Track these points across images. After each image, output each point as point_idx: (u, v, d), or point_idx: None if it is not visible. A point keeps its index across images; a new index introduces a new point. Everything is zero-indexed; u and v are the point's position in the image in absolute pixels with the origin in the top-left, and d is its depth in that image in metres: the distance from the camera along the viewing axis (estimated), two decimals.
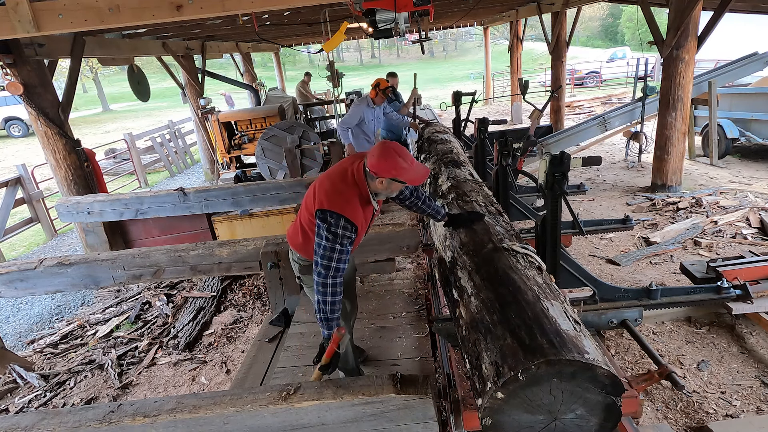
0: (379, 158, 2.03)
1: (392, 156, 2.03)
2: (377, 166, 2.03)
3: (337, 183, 2.13)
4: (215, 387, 3.61)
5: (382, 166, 2.02)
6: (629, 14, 32.97)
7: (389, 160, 2.02)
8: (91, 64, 26.44)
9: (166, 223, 5.38)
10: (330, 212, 2.04)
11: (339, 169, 2.20)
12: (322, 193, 2.12)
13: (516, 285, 1.82)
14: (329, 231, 2.03)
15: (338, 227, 2.03)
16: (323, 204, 2.07)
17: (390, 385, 1.85)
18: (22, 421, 1.91)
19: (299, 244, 2.34)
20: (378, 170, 2.03)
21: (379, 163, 2.03)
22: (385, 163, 2.02)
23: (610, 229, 4.48)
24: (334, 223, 2.03)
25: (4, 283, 3.66)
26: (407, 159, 2.06)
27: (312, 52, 8.87)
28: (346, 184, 2.12)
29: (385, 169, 2.03)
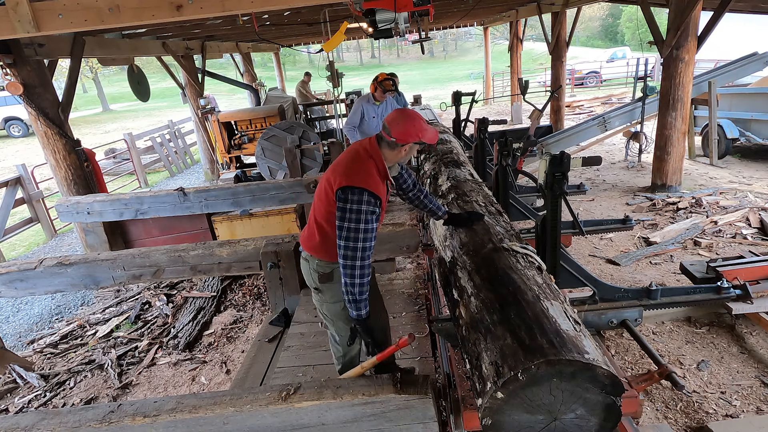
0: (405, 124, 2.03)
1: (416, 119, 2.06)
2: (404, 132, 2.02)
3: (351, 161, 2.09)
4: (215, 387, 3.61)
5: (410, 130, 2.03)
6: (629, 14, 32.97)
7: (415, 124, 2.04)
8: (91, 64, 26.44)
9: (166, 223, 5.38)
10: (352, 188, 1.98)
11: (348, 152, 2.17)
12: (338, 174, 2.05)
13: (516, 285, 1.82)
14: (352, 210, 1.96)
15: (362, 203, 1.96)
16: (343, 182, 2.01)
17: (390, 385, 1.85)
18: (22, 421, 1.91)
19: (317, 245, 2.21)
20: (406, 135, 2.03)
21: (406, 128, 2.03)
22: (413, 128, 2.03)
23: (610, 229, 4.48)
24: (357, 199, 1.96)
25: (4, 283, 3.66)
26: (424, 120, 2.10)
27: (312, 52, 8.87)
28: (362, 160, 2.08)
29: (412, 133, 2.03)
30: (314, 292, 2.33)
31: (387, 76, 5.40)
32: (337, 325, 2.40)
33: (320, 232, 2.17)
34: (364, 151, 2.10)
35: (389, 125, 2.06)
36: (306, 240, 2.28)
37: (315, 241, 2.20)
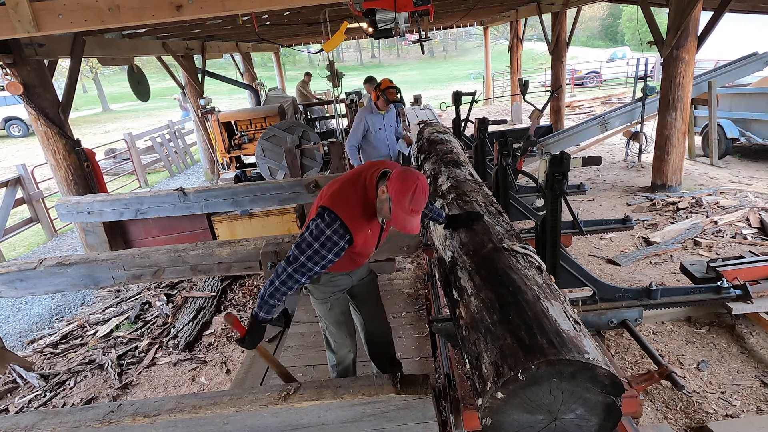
0: (401, 176, 1.89)
1: (409, 189, 1.86)
2: (393, 179, 1.90)
3: (346, 186, 2.06)
4: (215, 387, 3.61)
5: (395, 183, 1.88)
6: (629, 14, 32.97)
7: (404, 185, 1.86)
8: (91, 64, 26.44)
9: (166, 223, 5.38)
10: (329, 210, 1.96)
11: (354, 172, 2.13)
12: (329, 191, 2.06)
13: (516, 285, 1.82)
14: (317, 227, 1.94)
15: (328, 227, 1.93)
16: (325, 201, 2.02)
17: (390, 385, 1.85)
18: (22, 421, 1.91)
19: None
20: (391, 182, 1.91)
21: (395, 179, 1.90)
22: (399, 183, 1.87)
23: (610, 229, 4.48)
24: (327, 222, 1.94)
25: (4, 283, 3.66)
26: (415, 203, 1.89)
27: (312, 52, 8.87)
28: (355, 189, 2.02)
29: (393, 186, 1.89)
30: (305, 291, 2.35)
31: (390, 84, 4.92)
32: (329, 329, 2.41)
33: None
34: (362, 181, 2.03)
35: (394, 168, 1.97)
36: None
37: None
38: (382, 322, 2.59)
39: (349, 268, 2.33)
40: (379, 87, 4.86)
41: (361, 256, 2.27)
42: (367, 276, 2.52)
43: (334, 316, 2.40)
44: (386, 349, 2.61)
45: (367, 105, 5.09)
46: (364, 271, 2.49)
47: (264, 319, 2.03)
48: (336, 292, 2.36)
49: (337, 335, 2.44)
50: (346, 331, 2.45)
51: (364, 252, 2.21)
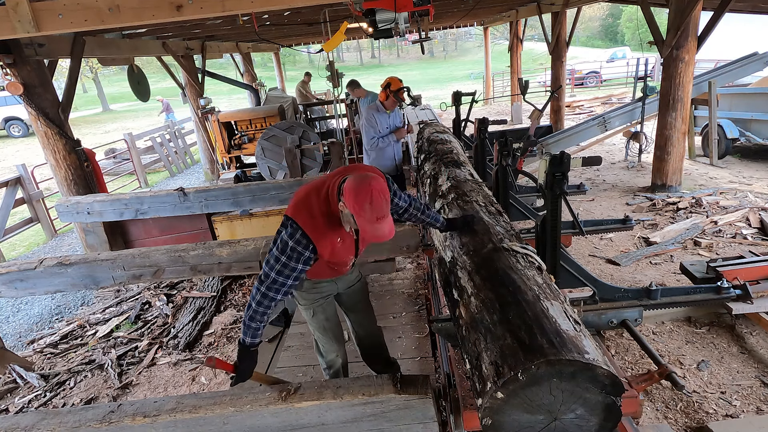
0: (353, 188, 1.78)
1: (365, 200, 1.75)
2: (346, 193, 1.80)
3: (311, 194, 2.00)
4: (215, 387, 3.61)
5: (349, 196, 1.78)
6: (629, 14, 32.97)
7: (359, 197, 1.75)
8: (91, 64, 26.45)
9: (166, 223, 5.38)
10: (291, 220, 1.93)
11: (320, 180, 2.06)
12: (295, 199, 2.01)
13: (516, 285, 1.82)
14: (281, 240, 1.92)
15: (290, 238, 1.90)
16: (290, 210, 1.99)
17: (390, 385, 1.85)
18: (22, 421, 1.91)
19: None
20: (345, 196, 1.81)
21: (348, 192, 1.79)
22: (353, 197, 1.76)
23: (610, 229, 4.48)
24: (289, 233, 1.91)
25: (4, 283, 3.65)
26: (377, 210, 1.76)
27: (312, 52, 8.87)
28: (318, 199, 1.96)
29: (348, 200, 1.79)
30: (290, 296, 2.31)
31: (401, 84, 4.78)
32: (316, 334, 2.42)
33: None
34: (325, 191, 1.95)
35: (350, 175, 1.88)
36: None
37: None
38: (371, 326, 2.57)
39: (329, 276, 2.28)
40: (390, 87, 4.74)
41: (338, 265, 2.19)
42: (356, 283, 2.48)
43: (318, 321, 2.38)
44: (379, 352, 2.61)
45: (373, 103, 4.99)
46: (353, 278, 2.45)
47: (252, 343, 1.99)
48: (319, 298, 2.32)
49: (324, 340, 2.44)
50: (332, 336, 2.43)
51: (338, 261, 2.13)
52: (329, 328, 2.41)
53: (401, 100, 4.81)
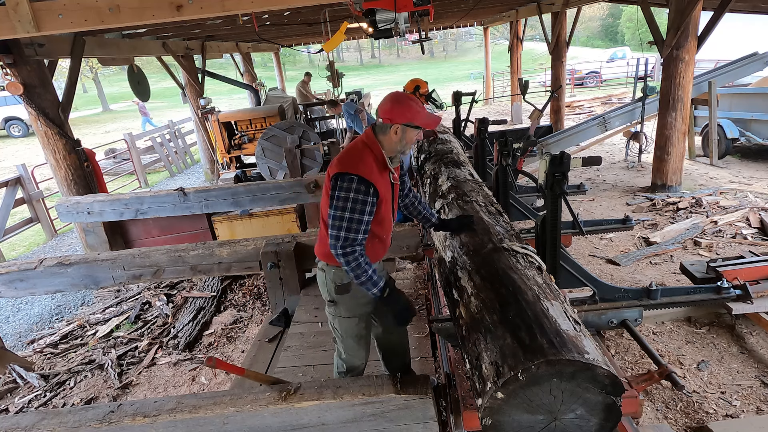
0: (393, 103, 1.95)
1: (405, 100, 1.96)
2: (391, 112, 1.95)
3: (346, 151, 2.03)
4: (215, 387, 3.61)
5: (396, 110, 1.94)
6: (629, 14, 32.97)
7: (403, 104, 1.95)
8: (91, 64, 26.44)
9: (166, 223, 5.38)
10: (342, 174, 1.90)
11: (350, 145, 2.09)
12: (332, 165, 1.98)
13: (516, 285, 1.82)
14: (340, 197, 1.88)
15: (351, 190, 1.87)
16: (335, 169, 1.93)
17: (390, 385, 1.85)
18: (22, 421, 1.91)
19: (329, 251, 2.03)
20: (392, 116, 1.94)
21: (393, 108, 1.95)
22: (400, 108, 1.94)
23: (610, 229, 4.48)
24: (346, 186, 1.88)
25: (4, 283, 3.66)
26: (419, 103, 1.99)
27: (312, 52, 8.87)
28: (357, 149, 2.00)
29: (399, 113, 1.94)
30: (328, 305, 2.20)
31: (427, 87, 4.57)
32: (346, 342, 2.27)
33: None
34: (360, 142, 2.04)
35: (379, 107, 2.01)
36: (319, 248, 2.15)
37: (327, 247, 2.03)
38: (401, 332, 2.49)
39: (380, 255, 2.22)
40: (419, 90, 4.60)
41: (386, 232, 2.16)
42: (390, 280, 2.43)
43: (359, 330, 2.24)
44: (402, 359, 2.52)
45: None
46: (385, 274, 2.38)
47: (383, 288, 1.97)
48: (367, 303, 2.19)
49: (356, 348, 2.29)
50: (364, 344, 2.32)
51: (387, 219, 2.12)
52: (365, 335, 2.30)
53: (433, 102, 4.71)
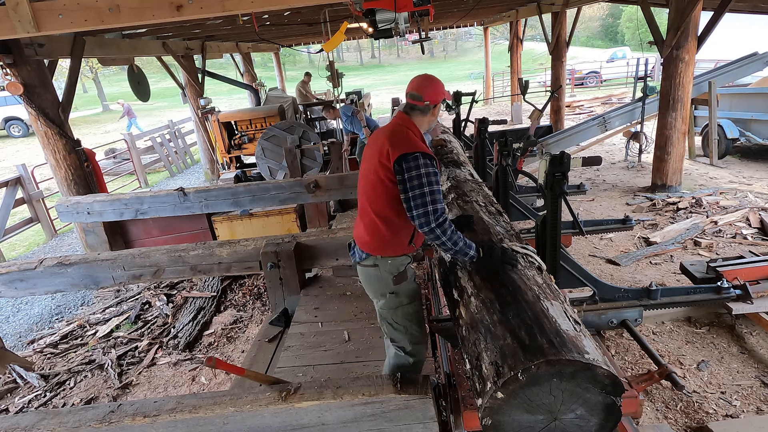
0: (434, 84, 2.08)
1: (436, 80, 2.11)
2: (434, 93, 2.07)
3: (393, 136, 2.02)
4: (215, 387, 3.61)
5: (439, 89, 2.09)
6: (629, 14, 32.97)
7: (438, 84, 2.10)
8: (91, 64, 26.44)
9: (166, 223, 5.38)
10: (405, 155, 1.92)
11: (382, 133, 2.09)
12: (386, 153, 1.97)
13: (516, 285, 1.82)
14: (412, 177, 1.90)
15: (420, 167, 1.91)
16: (395, 153, 1.93)
17: (390, 385, 1.85)
18: (22, 421, 1.91)
19: (387, 242, 2.05)
20: (433, 97, 2.07)
21: (435, 89, 2.08)
22: (438, 87, 2.09)
23: (610, 229, 4.48)
24: (414, 165, 1.91)
25: (4, 283, 3.66)
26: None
27: (312, 52, 8.87)
28: (402, 132, 2.04)
29: (439, 92, 2.09)
30: (384, 300, 2.13)
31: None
32: (411, 331, 2.17)
33: (387, 226, 2.04)
34: (398, 126, 2.08)
35: (418, 90, 2.08)
36: (371, 243, 2.09)
37: (384, 238, 2.05)
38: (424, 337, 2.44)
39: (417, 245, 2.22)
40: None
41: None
42: None
43: (421, 313, 2.20)
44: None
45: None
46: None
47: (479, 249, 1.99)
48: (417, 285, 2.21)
49: (420, 335, 2.21)
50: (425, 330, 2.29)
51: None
52: (423, 318, 2.26)
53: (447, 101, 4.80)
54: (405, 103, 2.15)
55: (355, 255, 2.20)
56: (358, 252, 2.16)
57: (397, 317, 2.15)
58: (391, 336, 2.21)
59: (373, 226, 2.06)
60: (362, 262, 2.15)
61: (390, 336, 2.22)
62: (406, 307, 2.13)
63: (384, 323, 2.20)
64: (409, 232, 2.08)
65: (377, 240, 2.06)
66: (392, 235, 2.05)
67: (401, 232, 2.06)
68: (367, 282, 2.19)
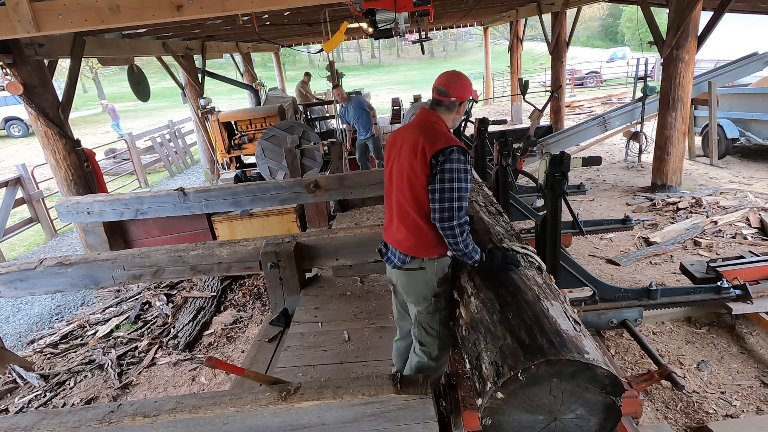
0: (462, 81, 2.04)
1: (464, 76, 2.07)
2: (461, 90, 2.03)
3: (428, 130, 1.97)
4: (215, 387, 3.61)
5: (467, 86, 2.05)
6: (629, 14, 32.97)
7: (466, 81, 2.06)
8: (91, 64, 26.44)
9: (166, 223, 5.38)
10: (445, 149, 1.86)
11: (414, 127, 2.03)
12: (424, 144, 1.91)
13: (516, 285, 1.82)
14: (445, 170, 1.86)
15: (453, 161, 1.86)
16: (435, 146, 1.88)
17: (390, 385, 1.84)
18: (22, 421, 1.91)
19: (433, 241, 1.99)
20: (463, 93, 2.03)
21: (465, 85, 2.04)
22: (466, 84, 2.05)
23: (610, 229, 4.49)
24: (451, 158, 1.86)
25: (4, 283, 3.66)
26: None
27: (312, 52, 8.87)
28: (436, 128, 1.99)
29: (468, 89, 2.06)
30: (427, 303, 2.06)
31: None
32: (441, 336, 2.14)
33: (432, 225, 1.96)
34: (427, 122, 2.03)
35: (446, 86, 2.02)
36: (417, 245, 2.01)
37: (429, 238, 1.98)
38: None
39: None
40: None
41: None
42: None
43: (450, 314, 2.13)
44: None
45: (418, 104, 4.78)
46: None
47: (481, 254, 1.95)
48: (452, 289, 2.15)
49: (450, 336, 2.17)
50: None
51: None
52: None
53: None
54: (431, 98, 2.11)
55: (392, 260, 2.11)
56: (399, 256, 2.06)
57: (433, 322, 2.10)
58: (421, 340, 2.15)
59: (417, 227, 1.99)
60: (405, 265, 2.05)
61: (420, 340, 2.15)
62: (443, 312, 2.09)
63: (418, 327, 2.14)
64: None
65: (423, 241, 2.00)
66: (437, 233, 1.97)
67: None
68: (411, 286, 2.08)
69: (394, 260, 2.09)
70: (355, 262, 3.68)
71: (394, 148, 2.08)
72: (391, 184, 2.09)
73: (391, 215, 2.10)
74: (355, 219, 5.69)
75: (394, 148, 2.08)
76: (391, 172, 2.09)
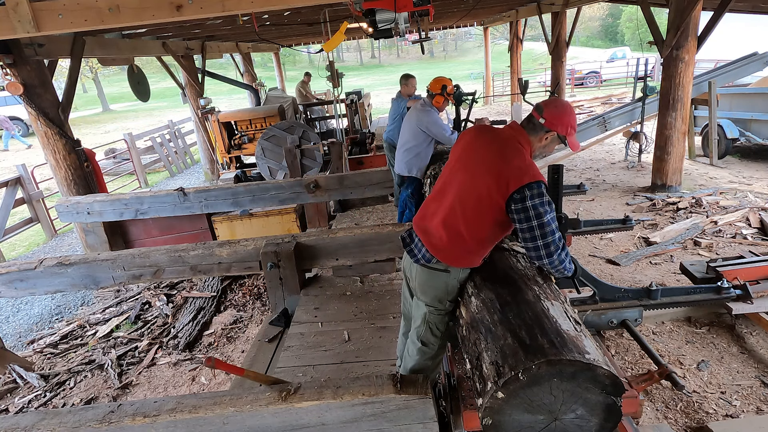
0: (562, 111, 1.90)
1: (572, 112, 1.93)
2: (557, 119, 1.88)
3: (513, 155, 1.87)
4: (215, 387, 3.61)
5: (564, 119, 1.89)
6: (629, 14, 32.98)
7: (571, 115, 1.91)
8: (91, 64, 26.42)
9: (166, 223, 5.38)
10: (529, 185, 1.77)
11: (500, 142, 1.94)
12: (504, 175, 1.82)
13: (516, 285, 1.82)
14: (530, 207, 1.77)
15: (536, 196, 1.78)
16: (520, 181, 1.78)
17: (390, 385, 1.85)
18: (22, 421, 1.91)
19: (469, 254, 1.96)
20: (557, 123, 1.88)
21: (561, 115, 1.89)
22: (567, 117, 1.90)
23: (610, 229, 4.47)
24: (535, 193, 1.78)
25: (4, 283, 3.66)
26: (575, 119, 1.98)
27: (312, 52, 8.87)
28: (520, 152, 1.89)
29: (565, 123, 1.89)
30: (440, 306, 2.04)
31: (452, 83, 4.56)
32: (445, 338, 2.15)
33: (477, 242, 1.93)
34: (514, 140, 1.92)
35: (545, 105, 1.92)
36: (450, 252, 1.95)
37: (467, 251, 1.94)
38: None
39: None
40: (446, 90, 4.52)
41: None
42: None
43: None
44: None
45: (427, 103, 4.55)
46: None
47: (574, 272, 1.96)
48: None
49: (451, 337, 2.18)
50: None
51: None
52: None
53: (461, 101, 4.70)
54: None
55: (415, 254, 2.03)
56: (426, 254, 1.98)
57: (441, 325, 2.08)
58: (424, 340, 2.12)
59: (459, 239, 1.92)
60: (430, 264, 1.99)
61: (423, 339, 2.13)
62: (451, 315, 2.08)
63: (425, 327, 2.10)
64: (490, 249, 2.01)
65: (459, 251, 1.95)
66: (478, 249, 1.95)
67: (484, 250, 1.98)
68: (429, 285, 2.02)
69: (417, 255, 2.02)
70: (355, 262, 3.68)
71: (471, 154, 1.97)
72: (451, 185, 1.99)
73: (436, 212, 2.01)
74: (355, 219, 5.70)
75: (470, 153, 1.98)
76: (455, 174, 2.00)
